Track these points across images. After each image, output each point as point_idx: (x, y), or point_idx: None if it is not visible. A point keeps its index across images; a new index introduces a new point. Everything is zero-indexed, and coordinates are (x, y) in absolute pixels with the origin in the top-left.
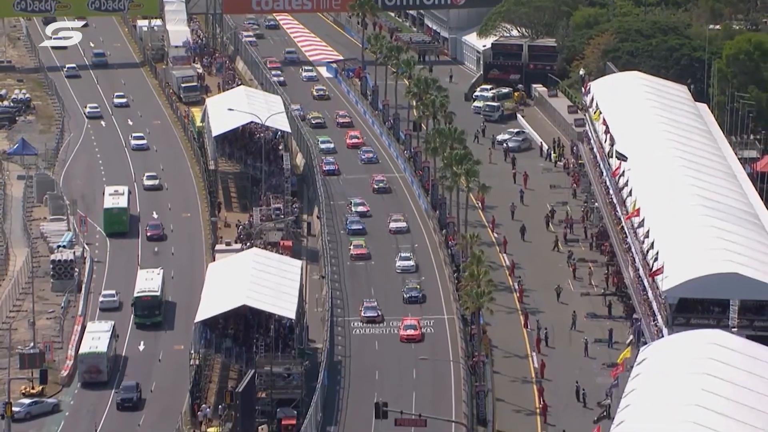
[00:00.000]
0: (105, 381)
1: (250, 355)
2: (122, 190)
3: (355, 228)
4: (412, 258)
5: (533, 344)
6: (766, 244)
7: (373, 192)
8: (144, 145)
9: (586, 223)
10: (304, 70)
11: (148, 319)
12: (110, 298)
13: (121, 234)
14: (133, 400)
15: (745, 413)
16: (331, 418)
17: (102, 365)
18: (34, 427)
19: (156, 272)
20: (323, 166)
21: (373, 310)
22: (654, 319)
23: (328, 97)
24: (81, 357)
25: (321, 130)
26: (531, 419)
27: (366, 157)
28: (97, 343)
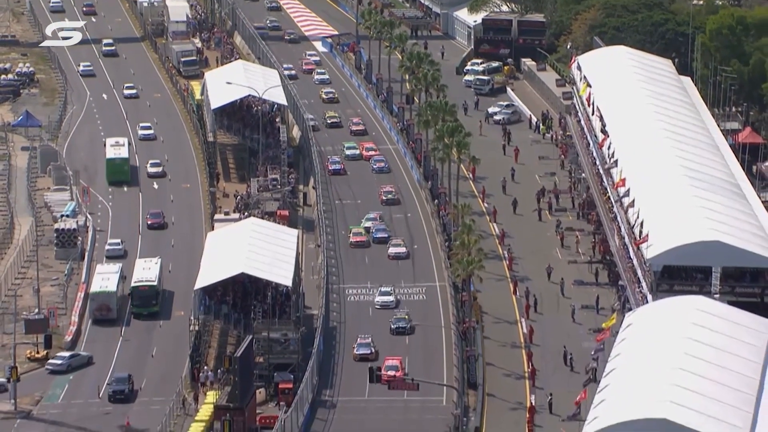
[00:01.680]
0: (114, 318)
1: (247, 321)
2: (122, 142)
3: None
4: (392, 293)
5: (522, 310)
6: (747, 213)
7: (382, 204)
8: (151, 135)
9: (573, 193)
10: (317, 73)
11: (145, 309)
12: (116, 246)
13: (123, 182)
14: (124, 391)
15: (726, 376)
16: (326, 382)
17: (112, 303)
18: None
19: (154, 261)
20: (329, 166)
21: (366, 347)
22: (639, 286)
23: (338, 100)
24: (92, 296)
25: (337, 129)
26: (520, 383)
27: (378, 166)
28: (107, 283)
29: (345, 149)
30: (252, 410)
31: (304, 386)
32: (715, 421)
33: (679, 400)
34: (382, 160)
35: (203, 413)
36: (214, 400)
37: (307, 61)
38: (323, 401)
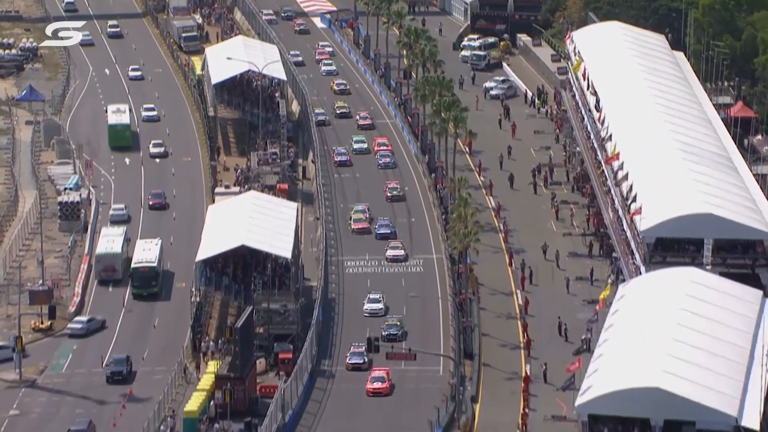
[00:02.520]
0: (119, 279)
1: (248, 293)
2: (123, 108)
3: None
4: (382, 300)
5: (517, 282)
6: (738, 186)
7: (387, 200)
8: (154, 116)
9: (568, 166)
10: (324, 64)
11: (145, 290)
12: (120, 211)
13: (125, 148)
14: (122, 373)
15: (718, 346)
16: (325, 352)
17: (117, 264)
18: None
19: (154, 243)
20: (335, 157)
21: (360, 357)
22: (632, 258)
23: (349, 92)
24: (98, 257)
25: (346, 120)
26: (515, 353)
27: (383, 162)
28: (112, 245)
29: (353, 143)
30: (252, 380)
31: (304, 356)
32: (708, 390)
33: (671, 369)
34: (388, 155)
35: (204, 383)
36: (215, 369)
37: (321, 51)
38: (322, 371)
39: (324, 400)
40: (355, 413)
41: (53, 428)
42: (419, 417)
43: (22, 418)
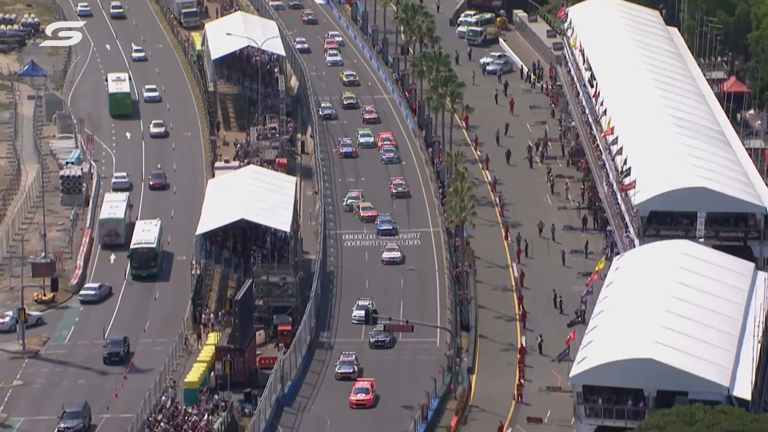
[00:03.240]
0: (122, 243)
1: (247, 266)
2: (123, 77)
3: None
4: (355, 362)
5: (513, 255)
6: (731, 160)
7: (392, 197)
8: (156, 97)
9: (563, 141)
10: (330, 54)
11: (144, 271)
12: (122, 179)
13: (125, 116)
14: (119, 354)
15: (711, 317)
16: (323, 325)
17: (120, 229)
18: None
19: (153, 223)
20: (340, 149)
21: (349, 366)
22: (626, 231)
23: (358, 83)
24: (101, 222)
25: (353, 110)
26: (511, 325)
27: (387, 157)
28: (115, 210)
29: (359, 137)
30: (252, 351)
31: (302, 328)
32: (700, 361)
33: (664, 340)
34: (392, 150)
35: (205, 354)
36: (215, 341)
37: (330, 41)
38: (321, 343)
39: (322, 372)
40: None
41: (56, 398)
42: (416, 388)
43: (25, 389)
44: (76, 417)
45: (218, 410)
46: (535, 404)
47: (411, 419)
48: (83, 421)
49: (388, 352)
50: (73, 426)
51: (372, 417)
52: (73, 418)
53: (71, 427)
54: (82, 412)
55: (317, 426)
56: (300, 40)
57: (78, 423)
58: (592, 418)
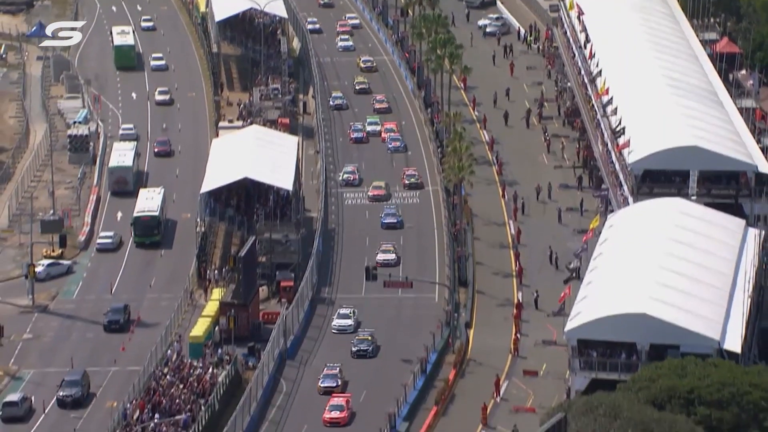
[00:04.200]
0: (131, 191)
1: (251, 223)
2: (128, 30)
3: None
4: (352, 315)
5: (510, 213)
6: (723, 120)
7: (405, 188)
8: (162, 65)
9: (559, 101)
10: (341, 39)
11: (147, 238)
12: (129, 131)
13: (130, 68)
14: (119, 322)
15: (702, 273)
16: (325, 280)
17: (128, 177)
18: (54, 286)
19: (156, 191)
20: (351, 134)
21: (332, 379)
22: (621, 189)
23: (376, 69)
24: (110, 170)
25: (365, 95)
26: (508, 281)
27: (393, 146)
28: (124, 158)
29: (366, 124)
30: (255, 306)
31: (304, 284)
32: (692, 315)
33: (657, 295)
34: (398, 139)
35: (209, 309)
36: (220, 297)
37: (343, 23)
38: (322, 298)
39: (324, 326)
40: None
41: (65, 352)
42: (415, 342)
43: (35, 342)
44: (75, 386)
45: (222, 364)
46: (531, 358)
47: (410, 372)
48: (82, 389)
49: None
50: (72, 394)
51: (372, 369)
52: (72, 387)
53: (70, 395)
54: (80, 381)
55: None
56: (312, 20)
57: (77, 391)
58: (586, 371)
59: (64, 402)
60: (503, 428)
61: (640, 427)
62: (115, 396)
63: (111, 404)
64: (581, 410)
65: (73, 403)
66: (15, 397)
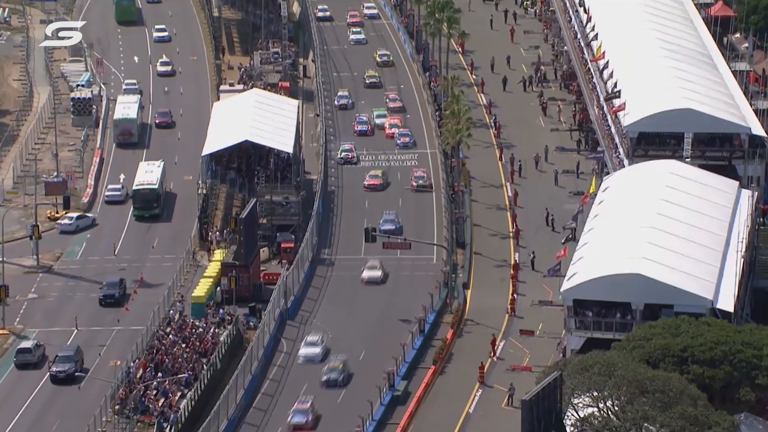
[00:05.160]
0: (136, 142)
1: (252, 186)
2: None
3: None
4: (320, 344)
5: (507, 175)
6: (718, 83)
7: (413, 190)
8: (165, 37)
9: (555, 65)
10: (352, 32)
11: (146, 212)
12: (132, 87)
13: (130, 23)
14: (114, 296)
15: (696, 234)
16: (325, 242)
17: (133, 129)
18: (60, 246)
19: (156, 164)
20: (355, 126)
21: (303, 415)
22: (616, 152)
23: (392, 64)
24: (115, 122)
25: (375, 90)
26: (505, 242)
27: (402, 141)
28: (128, 111)
29: (374, 118)
30: (256, 267)
31: (305, 245)
32: (686, 276)
33: (652, 256)
34: (407, 134)
35: (211, 270)
36: (221, 258)
37: (353, 14)
38: (322, 259)
39: (324, 287)
40: (352, 299)
41: (69, 312)
42: (414, 302)
43: (39, 301)
44: (68, 361)
45: (224, 323)
46: (528, 317)
47: (409, 332)
48: (75, 365)
49: None
50: (66, 370)
51: (372, 330)
52: (65, 362)
53: (63, 371)
54: (73, 356)
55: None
56: (322, 7)
57: (70, 367)
58: (581, 330)
59: (57, 377)
60: (500, 386)
61: (634, 384)
62: (118, 355)
63: (114, 363)
64: (576, 369)
65: (66, 378)
66: (29, 344)
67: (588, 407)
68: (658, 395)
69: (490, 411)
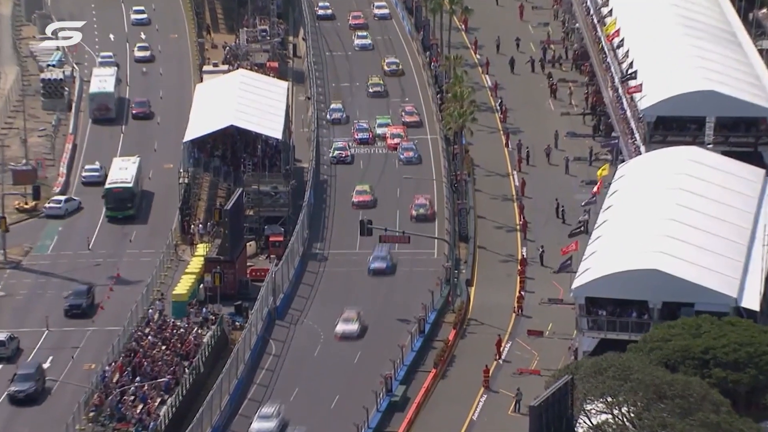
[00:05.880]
0: (113, 118)
1: (237, 174)
2: None
3: None
4: (275, 416)
5: (514, 163)
6: (742, 62)
7: (412, 219)
8: (144, 20)
9: (566, 43)
10: (357, 36)
11: (119, 212)
12: (108, 59)
13: None
14: (81, 306)
15: (719, 227)
16: (317, 235)
17: (111, 103)
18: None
19: (132, 161)
20: (355, 134)
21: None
22: (632, 137)
23: (402, 73)
24: (91, 96)
25: (380, 99)
26: (511, 235)
27: (406, 156)
28: (105, 84)
29: (377, 126)
30: (242, 263)
31: (295, 239)
32: (707, 271)
33: (670, 250)
34: (412, 148)
35: (193, 266)
36: (205, 252)
37: (355, 16)
38: (314, 254)
39: (316, 284)
40: (346, 297)
41: (39, 311)
42: (413, 301)
43: (7, 300)
44: (28, 380)
45: (208, 323)
46: (536, 317)
47: (407, 333)
48: (35, 384)
49: None
50: (25, 389)
51: (367, 332)
52: (25, 381)
53: (23, 390)
54: (34, 375)
55: (310, 340)
56: (323, 5)
57: (30, 386)
58: (594, 330)
59: (15, 398)
60: (506, 392)
61: (652, 389)
62: (92, 358)
63: (89, 367)
64: (589, 372)
65: (26, 399)
66: (2, 336)
67: (601, 414)
68: (678, 401)
69: (495, 418)
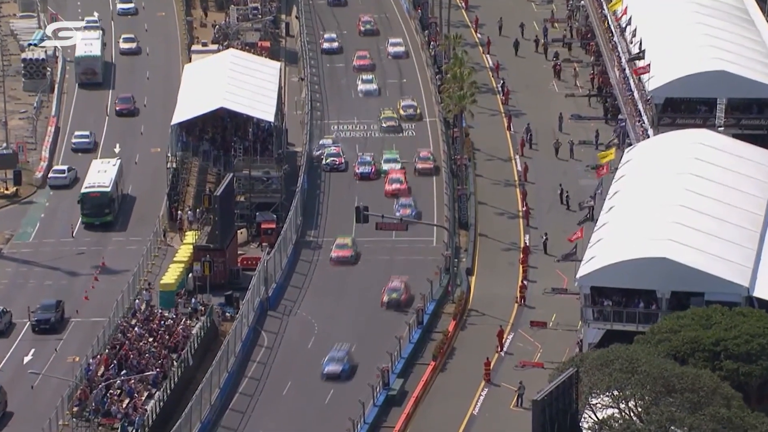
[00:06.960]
0: (100, 82)
1: (228, 159)
2: None
3: None
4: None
5: (517, 147)
6: (754, 41)
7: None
8: (131, 9)
9: (571, 22)
10: (362, 80)
11: (96, 219)
12: (94, 24)
13: None
14: (50, 321)
15: (729, 213)
16: (311, 222)
17: (97, 67)
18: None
19: (112, 163)
20: (357, 167)
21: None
22: (639, 120)
23: (420, 118)
24: (77, 60)
25: (393, 134)
26: (514, 222)
27: (402, 213)
28: (91, 48)
29: (383, 161)
30: (233, 251)
31: (288, 226)
32: (717, 259)
33: (679, 238)
34: (410, 205)
35: (182, 254)
36: (193, 240)
37: (361, 55)
38: (307, 242)
39: (309, 273)
40: (342, 287)
41: (21, 300)
42: (412, 290)
43: None
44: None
45: (197, 314)
46: (539, 307)
47: (405, 324)
48: (55, 314)
49: None
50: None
51: (363, 323)
52: (47, 311)
53: (44, 320)
54: (54, 305)
55: (304, 331)
56: (329, 37)
57: (50, 317)
58: (600, 321)
59: None
60: (508, 385)
61: (660, 383)
62: (77, 350)
63: (73, 359)
64: (594, 365)
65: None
66: None
67: (607, 408)
68: (687, 395)
69: (496, 413)
